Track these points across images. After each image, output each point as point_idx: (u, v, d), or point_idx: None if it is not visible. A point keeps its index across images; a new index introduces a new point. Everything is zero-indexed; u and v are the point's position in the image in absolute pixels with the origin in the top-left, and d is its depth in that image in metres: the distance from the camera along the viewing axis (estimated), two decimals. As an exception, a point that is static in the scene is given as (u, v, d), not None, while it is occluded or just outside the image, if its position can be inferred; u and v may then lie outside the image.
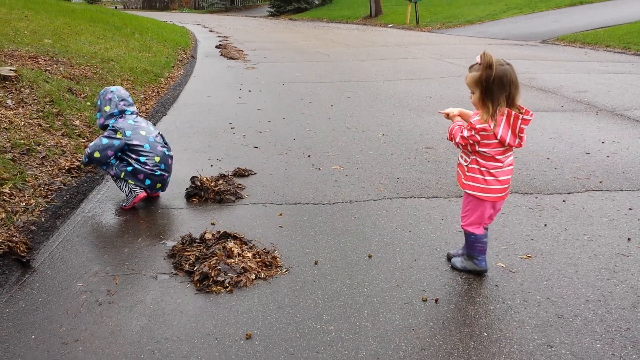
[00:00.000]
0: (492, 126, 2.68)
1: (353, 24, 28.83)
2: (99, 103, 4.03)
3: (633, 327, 2.55)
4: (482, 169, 2.84)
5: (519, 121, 2.66)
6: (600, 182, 4.45)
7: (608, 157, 5.11)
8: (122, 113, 4.01)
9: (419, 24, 24.44)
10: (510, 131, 2.69)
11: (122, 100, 4.02)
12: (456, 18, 24.53)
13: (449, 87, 8.86)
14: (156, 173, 3.93)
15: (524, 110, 2.69)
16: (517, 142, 2.72)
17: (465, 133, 2.78)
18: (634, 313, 2.66)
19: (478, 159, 2.84)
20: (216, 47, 15.49)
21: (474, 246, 3.00)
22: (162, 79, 9.33)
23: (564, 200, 4.10)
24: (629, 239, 3.46)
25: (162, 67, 10.29)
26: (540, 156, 5.13)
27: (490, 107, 2.69)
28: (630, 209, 3.94)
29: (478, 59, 2.70)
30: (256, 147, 5.49)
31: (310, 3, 39.23)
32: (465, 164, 2.91)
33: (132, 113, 4.06)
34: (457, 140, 2.86)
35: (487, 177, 2.84)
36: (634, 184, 4.43)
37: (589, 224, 3.70)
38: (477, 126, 2.72)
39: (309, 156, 5.21)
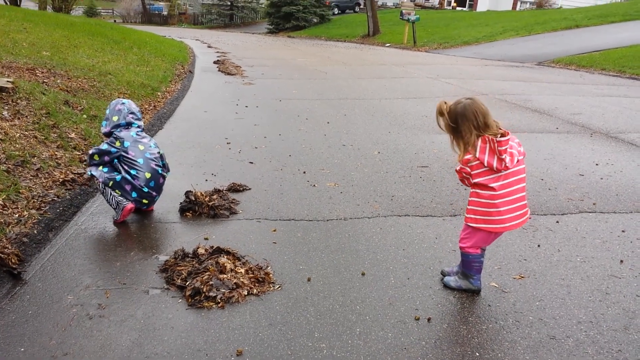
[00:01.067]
0: (476, 154, 2.74)
1: (351, 43, 29.05)
2: (108, 112, 4.07)
3: (624, 349, 2.55)
4: (482, 200, 2.85)
5: (495, 144, 2.70)
6: (593, 204, 4.47)
7: (602, 179, 5.14)
8: (128, 125, 4.04)
9: (416, 43, 24.64)
10: (495, 155, 2.73)
11: (131, 113, 4.06)
12: (453, 39, 24.75)
13: (444, 107, 8.89)
14: (144, 189, 3.93)
15: (501, 132, 2.74)
16: (504, 165, 2.73)
17: (457, 167, 2.89)
18: (625, 335, 2.66)
19: (477, 190, 2.86)
20: (214, 62, 15.55)
21: (470, 265, 3.00)
22: (159, 93, 9.36)
23: (557, 221, 4.11)
24: (621, 261, 3.46)
25: (159, 81, 10.32)
26: (534, 177, 5.15)
27: (462, 143, 2.81)
28: (623, 231, 3.95)
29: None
30: (252, 163, 5.49)
31: (309, 21, 39.55)
32: (469, 198, 2.96)
33: (138, 127, 4.08)
34: (459, 178, 2.99)
35: (488, 209, 2.84)
36: (627, 206, 4.45)
37: (582, 245, 3.71)
38: (464, 158, 2.81)
39: (304, 172, 5.21)
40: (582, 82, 12.31)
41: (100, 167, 3.95)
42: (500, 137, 2.71)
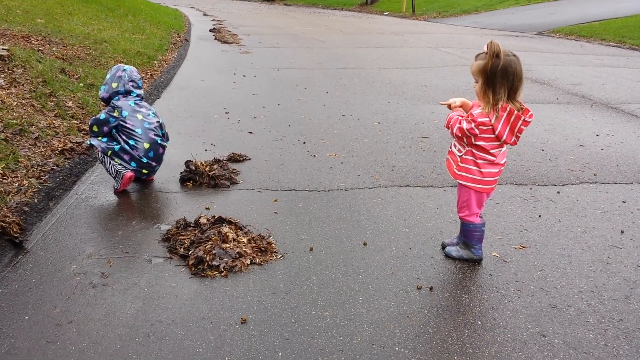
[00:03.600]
0: (492, 120, 2.68)
1: (349, 11, 28.68)
2: (108, 77, 4.02)
3: (625, 318, 2.58)
4: (479, 160, 2.83)
5: (520, 122, 2.68)
6: (594, 175, 4.47)
7: (602, 149, 5.13)
8: (127, 93, 3.98)
9: (415, 12, 24.36)
10: (508, 129, 2.71)
11: (132, 81, 4.01)
12: (452, 7, 24.46)
13: (444, 77, 8.84)
14: (143, 160, 3.90)
15: (524, 109, 2.69)
16: (513, 140, 2.74)
17: (465, 125, 2.76)
18: (626, 304, 2.69)
19: (473, 150, 2.83)
20: (210, 30, 15.36)
21: (471, 235, 3.01)
22: (155, 62, 9.26)
23: (558, 192, 4.12)
24: (622, 232, 3.48)
25: (155, 49, 10.20)
26: (535, 148, 5.14)
27: (491, 97, 2.68)
28: (623, 201, 3.96)
29: (485, 48, 2.69)
30: (251, 133, 5.46)
31: (306, -11, 38.94)
32: (460, 154, 2.90)
33: (137, 96, 4.03)
34: (454, 131, 2.82)
35: (482, 169, 2.84)
36: (627, 177, 4.45)
37: (583, 215, 3.72)
38: (478, 119, 2.71)
39: (304, 143, 5.19)
40: (582, 53, 12.22)
41: (100, 137, 3.92)
42: (527, 115, 2.68)
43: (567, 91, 7.85)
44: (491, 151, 2.79)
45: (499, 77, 2.64)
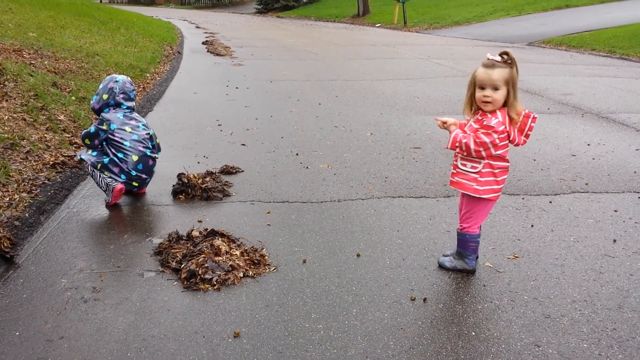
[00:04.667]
0: (507, 126, 2.76)
1: (341, 23, 28.83)
2: (100, 87, 4.01)
3: (619, 327, 2.58)
4: (496, 170, 2.86)
5: (529, 120, 2.80)
6: (586, 184, 4.49)
7: (594, 159, 5.16)
8: (117, 105, 3.97)
9: (407, 24, 24.51)
10: (517, 130, 2.80)
11: (123, 93, 3.99)
12: (443, 19, 24.63)
13: (436, 88, 8.89)
14: (132, 172, 3.89)
15: (527, 110, 2.81)
16: (523, 140, 2.84)
17: (487, 138, 2.73)
18: (620, 313, 2.69)
19: (491, 162, 2.83)
20: (203, 43, 15.39)
21: (467, 245, 3.01)
22: (147, 75, 9.26)
23: (550, 202, 4.13)
24: (614, 241, 3.49)
25: (148, 62, 10.21)
26: (526, 157, 5.16)
27: (517, 103, 2.76)
28: (615, 210, 3.97)
29: (495, 57, 2.73)
30: (244, 145, 5.46)
31: (298, 1, 39.18)
32: (475, 171, 2.86)
33: (127, 108, 4.02)
34: (472, 147, 2.77)
35: (499, 178, 2.88)
36: (619, 186, 4.47)
37: (575, 225, 3.73)
38: (499, 128, 2.73)
39: (297, 154, 5.19)
40: (572, 63, 12.32)
41: (90, 151, 3.91)
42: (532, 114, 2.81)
43: (558, 101, 7.91)
44: (506, 157, 2.85)
45: (515, 86, 2.74)
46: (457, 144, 2.82)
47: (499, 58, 2.73)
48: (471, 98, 2.83)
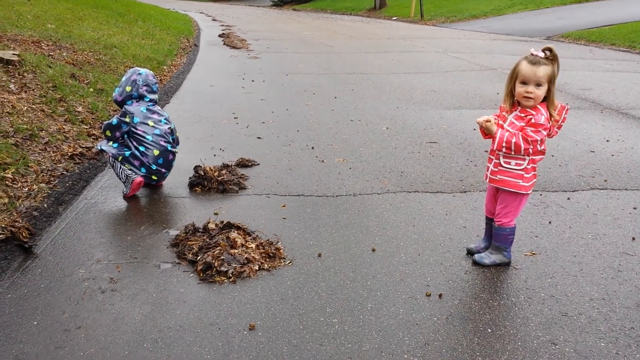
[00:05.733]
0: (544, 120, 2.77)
1: (357, 16, 28.71)
2: (123, 79, 4.04)
3: (637, 326, 2.55)
4: (536, 165, 2.91)
5: (564, 112, 2.80)
6: (605, 181, 4.44)
7: (613, 155, 5.09)
8: (140, 98, 3.99)
9: (424, 17, 24.35)
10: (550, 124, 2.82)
11: (146, 85, 4.02)
12: (461, 12, 24.42)
13: (453, 82, 8.82)
14: (152, 167, 3.91)
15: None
16: (555, 131, 2.85)
17: (538, 136, 2.75)
18: (638, 312, 2.65)
19: (534, 157, 2.86)
20: (219, 36, 15.42)
21: (507, 238, 3.04)
22: (165, 67, 9.30)
23: (568, 198, 4.09)
24: (633, 238, 3.44)
25: (165, 54, 10.24)
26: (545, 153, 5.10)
27: (555, 101, 2.78)
28: (634, 208, 3.92)
29: (538, 53, 2.73)
30: (259, 138, 5.47)
31: (314, -6, 39.05)
32: (520, 168, 2.87)
33: (150, 100, 4.04)
34: (522, 145, 2.76)
35: (535, 172, 2.94)
36: (638, 183, 4.41)
37: (594, 222, 3.69)
38: (548, 124, 2.77)
39: (313, 148, 5.19)
40: (591, 58, 12.16)
41: (110, 143, 3.93)
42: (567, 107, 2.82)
43: (577, 96, 7.81)
44: (545, 150, 2.88)
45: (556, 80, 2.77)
46: (504, 144, 2.80)
47: (542, 54, 2.72)
48: (511, 91, 2.81)
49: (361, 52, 12.61)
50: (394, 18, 26.15)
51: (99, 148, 3.95)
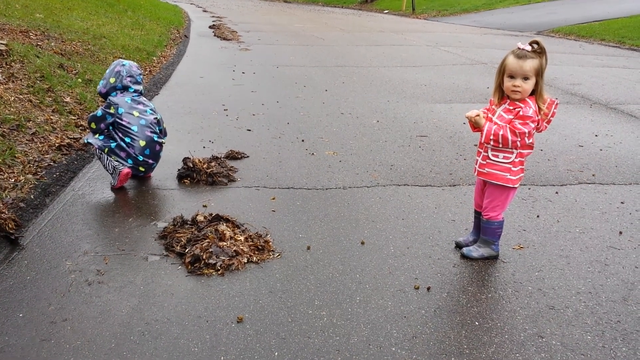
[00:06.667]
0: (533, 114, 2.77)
1: (348, 9, 28.65)
2: (107, 71, 4.00)
3: (623, 319, 2.56)
4: (524, 158, 2.91)
5: (553, 107, 2.80)
6: (593, 175, 4.46)
7: (601, 150, 5.12)
8: (125, 89, 3.96)
9: (415, 11, 24.34)
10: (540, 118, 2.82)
11: (130, 76, 3.98)
12: (452, 6, 24.44)
13: (444, 76, 8.83)
14: (139, 158, 3.88)
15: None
16: (544, 126, 2.85)
17: (526, 128, 2.75)
18: (624, 306, 2.67)
19: (522, 150, 2.87)
20: (209, 27, 15.33)
21: (495, 232, 3.05)
22: (154, 58, 9.23)
23: (556, 192, 4.10)
24: (620, 232, 3.47)
25: (154, 45, 10.17)
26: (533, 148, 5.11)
27: (543, 94, 2.78)
28: (622, 202, 3.95)
29: (525, 46, 2.73)
30: (249, 130, 5.44)
31: (306, -14, 38.86)
32: (508, 161, 2.88)
33: (135, 91, 4.00)
34: (509, 138, 2.76)
35: (524, 166, 2.95)
36: (626, 177, 4.44)
37: (581, 216, 3.71)
38: (535, 117, 2.76)
39: (303, 141, 5.17)
40: (581, 53, 12.20)
41: (96, 135, 3.90)
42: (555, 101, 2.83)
43: (566, 91, 7.84)
44: (533, 144, 2.89)
45: (544, 74, 2.77)
46: (491, 137, 2.81)
47: (529, 47, 2.72)
48: (500, 85, 2.82)
49: (352, 45, 12.59)
50: (386, 11, 26.12)
51: (86, 141, 3.92)
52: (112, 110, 3.85)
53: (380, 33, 15.73)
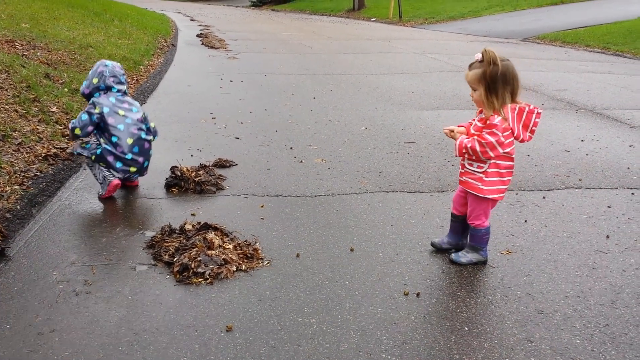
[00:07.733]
0: (509, 123, 2.76)
1: (336, 17, 28.76)
2: (90, 72, 3.96)
3: (612, 323, 2.58)
4: (502, 170, 2.89)
5: (534, 116, 2.78)
6: (579, 180, 4.50)
7: (587, 155, 5.16)
8: (108, 89, 3.92)
9: (402, 18, 24.48)
10: (521, 126, 2.80)
11: (113, 76, 3.94)
12: (439, 14, 24.61)
13: (431, 83, 8.88)
14: (127, 157, 3.84)
15: (532, 106, 2.80)
16: (528, 136, 2.83)
17: (492, 138, 2.76)
18: (612, 309, 2.69)
19: (497, 161, 2.86)
20: (197, 36, 15.32)
21: (482, 239, 3.06)
22: (141, 67, 9.20)
23: (544, 197, 4.13)
24: (607, 236, 3.49)
25: (141, 54, 10.14)
26: (520, 153, 5.15)
27: (495, 102, 2.75)
28: (608, 206, 3.98)
29: (478, 57, 2.77)
30: (237, 138, 5.44)
31: (293, -6, 39.03)
32: (481, 170, 2.90)
33: (118, 91, 3.96)
34: (478, 150, 2.80)
35: (505, 178, 2.92)
36: (612, 182, 4.48)
37: (569, 220, 3.73)
38: (502, 126, 2.75)
39: (291, 148, 5.17)
40: (567, 59, 12.33)
41: (84, 144, 3.87)
42: (537, 109, 2.79)
43: (552, 97, 7.91)
44: (512, 155, 2.88)
45: (501, 83, 2.72)
46: (463, 150, 2.86)
47: (480, 57, 2.75)
48: None
49: (340, 53, 12.63)
50: (373, 19, 26.25)
51: (75, 152, 3.90)
52: (97, 110, 3.81)
53: (367, 41, 15.80)
